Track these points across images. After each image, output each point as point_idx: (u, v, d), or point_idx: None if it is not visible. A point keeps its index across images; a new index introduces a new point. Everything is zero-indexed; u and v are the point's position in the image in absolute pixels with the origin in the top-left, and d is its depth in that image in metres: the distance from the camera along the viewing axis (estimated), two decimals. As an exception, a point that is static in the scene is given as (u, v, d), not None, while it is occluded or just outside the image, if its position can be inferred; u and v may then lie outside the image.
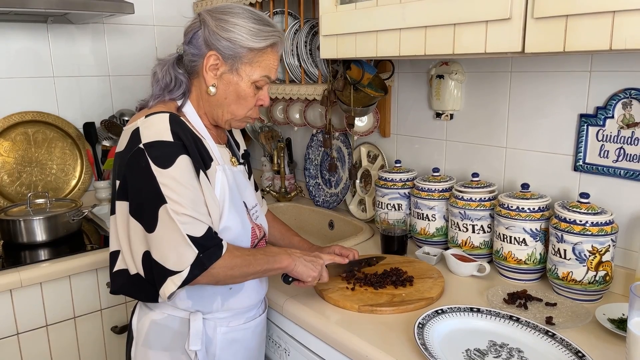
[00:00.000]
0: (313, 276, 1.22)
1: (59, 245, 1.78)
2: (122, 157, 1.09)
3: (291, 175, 2.34)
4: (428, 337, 1.07)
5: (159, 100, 1.16)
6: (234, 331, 1.22)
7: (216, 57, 1.12)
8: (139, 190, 1.06)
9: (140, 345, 1.19)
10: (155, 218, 1.03)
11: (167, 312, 1.17)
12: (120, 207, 1.11)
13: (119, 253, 1.14)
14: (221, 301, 1.19)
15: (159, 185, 1.03)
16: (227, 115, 1.18)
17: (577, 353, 1.00)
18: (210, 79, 1.14)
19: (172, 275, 1.03)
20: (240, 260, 1.09)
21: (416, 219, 1.64)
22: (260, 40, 1.12)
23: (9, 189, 2.06)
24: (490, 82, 1.57)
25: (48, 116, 2.13)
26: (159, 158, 1.04)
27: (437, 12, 1.19)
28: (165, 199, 1.03)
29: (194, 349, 1.14)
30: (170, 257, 1.03)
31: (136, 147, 1.05)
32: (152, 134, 1.06)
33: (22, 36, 2.04)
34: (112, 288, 1.17)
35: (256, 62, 1.14)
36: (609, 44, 0.93)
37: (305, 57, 1.85)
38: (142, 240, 1.07)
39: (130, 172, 1.07)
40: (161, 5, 2.34)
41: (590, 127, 1.35)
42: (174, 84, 1.15)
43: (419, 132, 1.82)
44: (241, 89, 1.15)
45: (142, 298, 1.15)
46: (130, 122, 1.13)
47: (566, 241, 1.24)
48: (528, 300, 1.26)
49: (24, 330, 1.59)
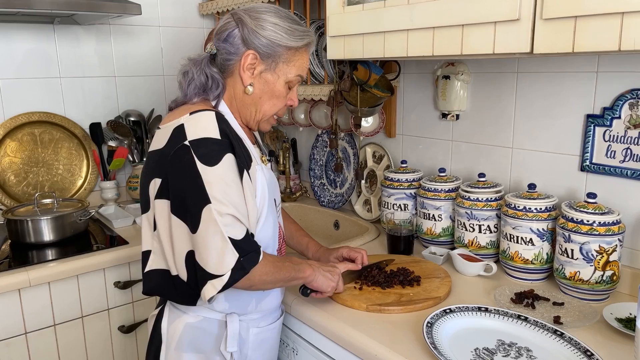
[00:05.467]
0: (332, 286, 1.23)
1: (66, 245, 1.79)
2: (162, 154, 1.07)
3: (296, 175, 2.35)
4: (437, 336, 1.08)
5: (202, 98, 1.14)
6: (263, 332, 1.22)
7: (254, 56, 1.12)
8: (182, 188, 1.04)
9: (172, 349, 1.16)
10: (198, 218, 1.02)
11: (202, 315, 1.15)
12: (161, 206, 1.08)
13: (151, 253, 1.14)
14: (255, 302, 1.19)
15: (204, 183, 1.01)
16: (259, 115, 1.18)
17: (586, 352, 1.00)
18: (247, 78, 1.14)
19: (212, 279, 1.01)
20: (272, 266, 1.09)
21: (422, 219, 1.65)
22: (297, 39, 1.13)
23: (16, 189, 2.07)
24: (496, 82, 1.58)
25: (54, 117, 2.14)
26: (205, 156, 1.03)
27: (445, 13, 1.20)
28: (209, 198, 1.01)
29: (231, 351, 1.14)
30: (211, 260, 1.01)
31: (180, 144, 1.04)
32: (199, 131, 1.05)
33: (29, 37, 2.05)
34: (145, 288, 1.16)
35: (292, 61, 1.14)
36: (618, 45, 0.94)
37: (311, 57, 1.86)
38: (185, 240, 1.05)
39: (173, 169, 1.05)
40: (167, 7, 2.35)
41: (597, 127, 1.35)
42: (211, 83, 1.14)
43: (424, 133, 1.82)
44: (276, 88, 1.15)
45: (179, 300, 1.14)
46: (167, 121, 1.12)
47: (573, 241, 1.25)
48: (535, 299, 1.26)
49: (32, 330, 1.59)
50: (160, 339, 1.18)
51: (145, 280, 1.15)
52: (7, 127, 2.03)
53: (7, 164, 2.05)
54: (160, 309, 1.22)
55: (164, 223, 1.09)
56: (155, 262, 1.13)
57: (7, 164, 2.05)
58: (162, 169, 1.07)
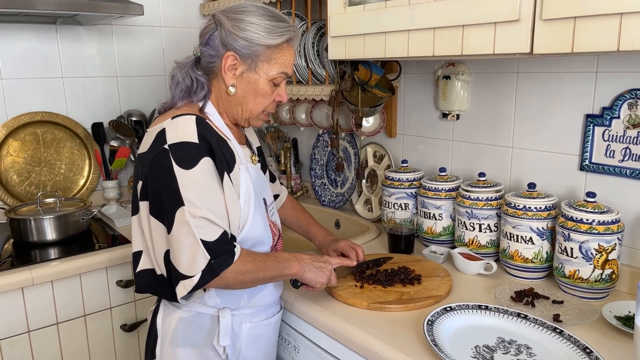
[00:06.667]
0: (322, 282, 1.24)
1: (68, 244, 1.80)
2: (145, 157, 1.10)
3: (297, 175, 2.36)
4: (437, 333, 1.09)
5: (186, 102, 1.17)
6: (257, 327, 1.24)
7: (234, 57, 1.13)
8: (159, 190, 1.07)
9: (167, 343, 1.19)
10: (172, 219, 1.04)
11: (195, 310, 1.18)
12: (143, 207, 1.12)
13: (142, 253, 1.16)
14: (247, 298, 1.20)
15: (179, 186, 1.04)
16: (246, 114, 1.20)
17: (585, 349, 1.01)
18: (229, 79, 1.15)
19: (183, 280, 1.04)
20: (251, 266, 1.10)
21: (423, 218, 1.66)
22: (276, 36, 1.13)
23: (18, 188, 2.08)
24: (496, 82, 1.59)
25: (57, 116, 2.15)
26: (182, 159, 1.05)
27: (446, 14, 1.21)
28: (183, 201, 1.03)
29: (224, 345, 1.16)
30: (183, 260, 1.04)
31: (161, 147, 1.06)
32: (178, 135, 1.07)
33: (31, 37, 2.06)
34: (137, 287, 1.18)
35: (273, 59, 1.15)
36: (617, 46, 0.95)
37: (312, 58, 1.87)
38: (163, 240, 1.08)
39: (152, 172, 1.08)
40: (168, 7, 2.36)
41: (597, 127, 1.36)
42: (196, 86, 1.16)
43: (425, 133, 1.83)
44: (260, 87, 1.16)
45: (169, 297, 1.16)
46: (154, 124, 1.15)
47: (573, 240, 1.26)
48: (535, 298, 1.27)
49: (35, 328, 1.60)
50: (157, 333, 1.21)
51: (137, 279, 1.18)
52: (10, 127, 2.04)
53: (10, 163, 2.06)
54: (157, 304, 1.25)
55: (146, 223, 1.12)
56: (145, 262, 1.16)
57: (10, 163, 2.06)
58: (143, 171, 1.11)
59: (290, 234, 2.02)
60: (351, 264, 1.37)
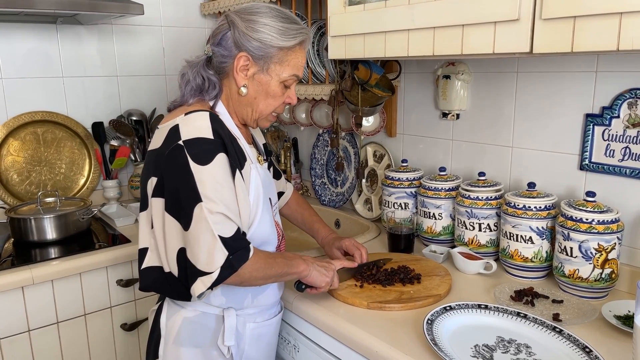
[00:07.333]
0: (326, 282, 1.24)
1: (68, 243, 1.80)
2: (158, 154, 1.10)
3: (297, 174, 2.36)
4: (437, 333, 1.09)
5: (197, 99, 1.16)
6: (260, 327, 1.24)
7: (246, 58, 1.13)
8: (176, 187, 1.06)
9: (171, 343, 1.18)
10: (190, 216, 1.04)
11: (200, 310, 1.17)
12: (157, 204, 1.11)
13: (148, 250, 1.15)
14: (252, 298, 1.20)
15: (196, 182, 1.04)
16: (256, 114, 1.20)
17: (585, 348, 1.01)
18: (241, 80, 1.15)
19: (202, 276, 1.03)
20: (263, 263, 1.10)
21: (423, 217, 1.66)
22: (289, 38, 1.13)
23: (19, 187, 2.08)
24: (496, 82, 1.59)
25: (57, 116, 2.15)
26: (197, 155, 1.05)
27: (446, 13, 1.21)
28: (201, 197, 1.03)
29: (229, 344, 1.16)
30: (201, 257, 1.03)
31: (175, 143, 1.06)
32: (192, 131, 1.07)
33: (32, 37, 2.06)
34: (141, 284, 1.17)
35: (285, 61, 1.15)
36: (617, 45, 0.95)
37: (312, 57, 1.87)
38: (178, 237, 1.07)
39: (168, 169, 1.07)
40: (169, 6, 2.36)
41: (596, 126, 1.36)
42: (208, 85, 1.16)
43: (425, 132, 1.84)
44: (271, 88, 1.16)
45: (174, 296, 1.15)
46: (164, 121, 1.14)
47: (572, 239, 1.26)
48: (535, 297, 1.27)
49: (35, 327, 1.60)
50: (160, 333, 1.20)
51: (142, 276, 1.17)
52: (10, 127, 2.04)
53: (10, 162, 2.07)
54: (159, 304, 1.24)
55: (159, 220, 1.11)
56: (152, 259, 1.15)
57: (10, 162, 2.07)
58: (157, 168, 1.10)
59: (290, 233, 2.03)
60: (352, 265, 1.37)
